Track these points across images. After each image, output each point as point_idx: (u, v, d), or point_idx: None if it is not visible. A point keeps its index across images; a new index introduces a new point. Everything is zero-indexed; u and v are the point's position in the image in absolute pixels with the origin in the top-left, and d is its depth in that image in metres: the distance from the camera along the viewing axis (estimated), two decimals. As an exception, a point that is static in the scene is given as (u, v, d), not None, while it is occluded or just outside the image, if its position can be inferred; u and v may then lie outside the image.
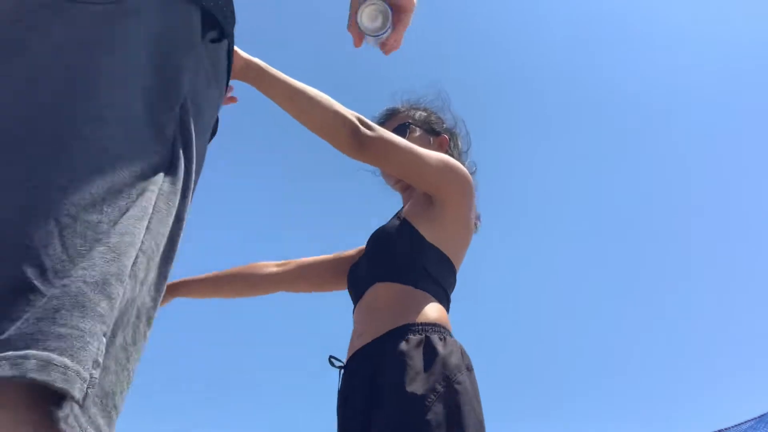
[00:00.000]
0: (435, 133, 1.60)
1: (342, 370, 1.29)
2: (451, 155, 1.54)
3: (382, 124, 1.63)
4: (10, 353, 0.37)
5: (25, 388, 0.38)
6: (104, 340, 0.42)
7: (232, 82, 1.21)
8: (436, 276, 1.31)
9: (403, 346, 1.15)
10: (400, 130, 1.55)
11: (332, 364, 1.33)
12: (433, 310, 1.25)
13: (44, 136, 0.45)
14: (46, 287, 0.40)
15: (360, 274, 1.41)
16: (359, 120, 1.31)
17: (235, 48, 1.18)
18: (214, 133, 0.72)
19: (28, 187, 0.43)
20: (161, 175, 0.52)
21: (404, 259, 1.33)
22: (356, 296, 1.39)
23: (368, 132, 1.30)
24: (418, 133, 1.57)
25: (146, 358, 0.51)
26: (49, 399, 0.39)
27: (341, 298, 1.52)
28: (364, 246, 1.50)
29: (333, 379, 1.31)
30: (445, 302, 1.33)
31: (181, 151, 0.55)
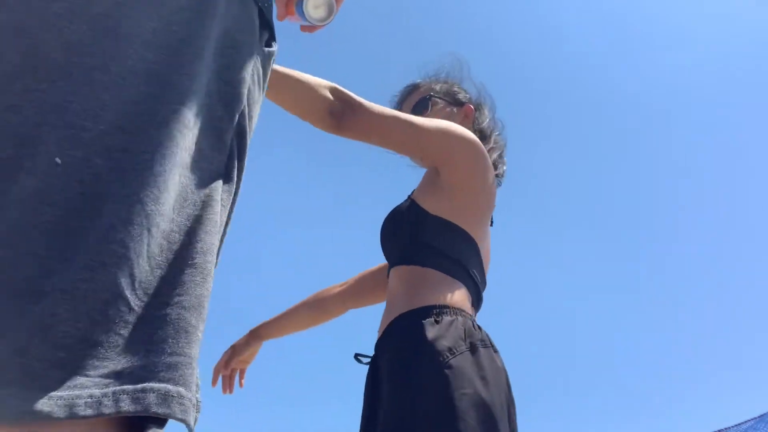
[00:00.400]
0: (459, 103, 1.53)
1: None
2: (479, 125, 1.48)
3: (402, 100, 1.58)
4: (128, 387, 0.38)
5: (120, 418, 0.39)
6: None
7: None
8: (442, 248, 1.23)
9: (396, 341, 1.14)
10: (422, 104, 1.50)
11: (359, 361, 1.30)
12: (434, 290, 1.18)
13: (134, 143, 0.44)
14: (135, 301, 0.40)
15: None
16: (335, 93, 1.23)
17: None
18: None
19: (129, 200, 0.42)
20: (219, 183, 0.51)
21: (407, 240, 1.27)
22: None
23: (346, 107, 1.22)
24: (440, 105, 1.51)
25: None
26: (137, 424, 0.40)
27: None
28: None
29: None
30: (460, 272, 1.23)
31: (236, 161, 0.54)
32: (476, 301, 1.28)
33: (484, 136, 1.47)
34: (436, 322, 1.10)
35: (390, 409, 1.06)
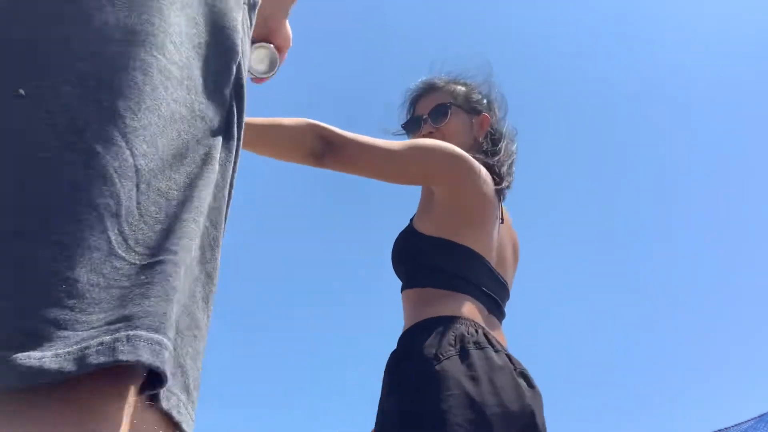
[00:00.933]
0: (476, 112, 1.51)
1: None
2: (492, 132, 1.48)
3: (418, 98, 1.56)
4: (142, 333, 0.36)
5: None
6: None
7: None
8: (438, 265, 1.27)
9: (393, 355, 1.20)
10: (441, 111, 1.48)
11: None
12: (433, 305, 1.22)
13: (117, 89, 0.40)
14: (129, 255, 0.38)
15: None
16: (314, 131, 1.22)
17: None
18: None
19: (109, 153, 0.39)
20: (219, 139, 0.48)
21: (408, 265, 1.33)
22: None
23: (325, 146, 1.21)
24: (459, 115, 1.49)
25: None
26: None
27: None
28: None
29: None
30: (461, 285, 1.26)
31: (235, 116, 0.51)
32: (491, 306, 1.30)
33: (494, 142, 1.47)
34: (427, 332, 1.15)
35: (382, 412, 1.12)
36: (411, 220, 1.38)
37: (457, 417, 1.01)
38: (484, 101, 1.54)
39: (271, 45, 0.88)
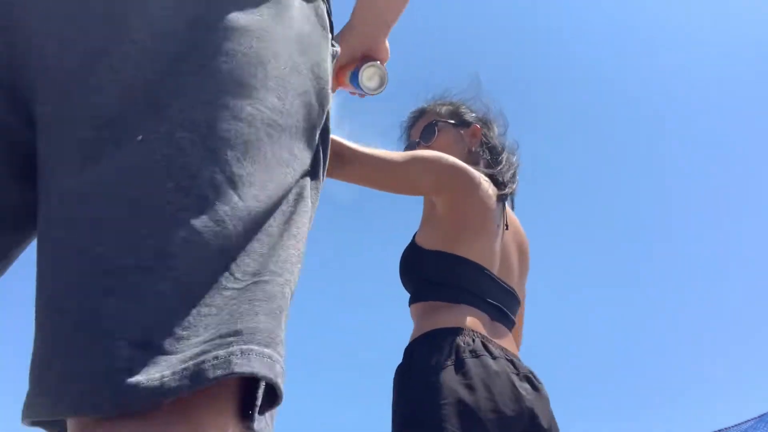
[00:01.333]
0: (466, 124, 1.55)
1: None
2: (489, 144, 1.51)
3: (411, 126, 1.62)
4: (255, 347, 0.39)
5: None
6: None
7: None
8: (441, 279, 1.31)
9: (396, 378, 1.24)
10: (429, 131, 1.53)
11: None
12: (434, 318, 1.26)
13: (225, 138, 0.44)
14: (237, 285, 0.41)
15: None
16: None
17: None
18: None
19: (219, 197, 0.42)
20: (308, 180, 0.51)
21: (410, 279, 1.37)
22: None
23: (331, 160, 1.24)
24: (447, 129, 1.54)
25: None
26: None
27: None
28: None
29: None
30: (463, 296, 1.29)
31: (321, 158, 0.55)
32: (495, 314, 1.33)
33: (494, 153, 1.51)
34: (426, 345, 1.21)
35: (392, 424, 1.18)
36: (414, 236, 1.42)
37: (452, 425, 1.06)
38: (473, 114, 1.58)
39: (378, 62, 0.94)
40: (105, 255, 0.38)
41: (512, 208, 1.57)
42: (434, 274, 1.32)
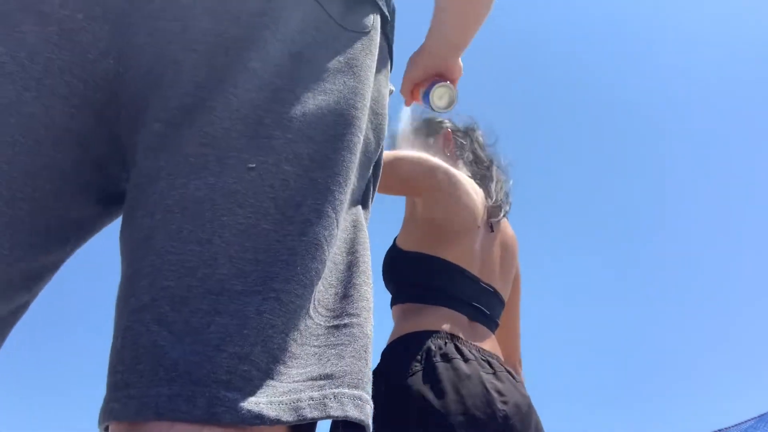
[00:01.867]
0: (434, 132, 1.56)
1: None
2: (463, 150, 1.52)
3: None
4: (346, 390, 0.42)
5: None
6: None
7: None
8: (416, 280, 1.32)
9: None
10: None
11: None
12: (408, 321, 1.27)
13: (328, 168, 0.47)
14: (316, 315, 0.44)
15: None
16: None
17: None
18: None
19: (321, 224, 0.45)
20: (360, 208, 0.54)
21: (390, 281, 1.38)
22: None
23: None
24: (415, 144, 1.52)
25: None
26: None
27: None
28: None
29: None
30: (439, 297, 1.30)
31: (371, 187, 0.58)
32: (475, 315, 1.33)
33: (479, 161, 1.52)
34: (398, 349, 1.22)
35: None
36: (395, 237, 1.43)
37: (420, 428, 1.07)
38: (444, 123, 1.58)
39: (449, 82, 1.02)
40: (214, 276, 0.39)
41: (504, 216, 1.57)
42: (412, 275, 1.33)
